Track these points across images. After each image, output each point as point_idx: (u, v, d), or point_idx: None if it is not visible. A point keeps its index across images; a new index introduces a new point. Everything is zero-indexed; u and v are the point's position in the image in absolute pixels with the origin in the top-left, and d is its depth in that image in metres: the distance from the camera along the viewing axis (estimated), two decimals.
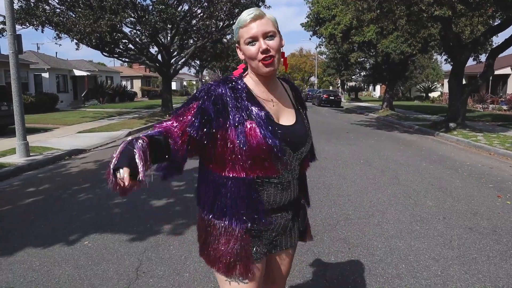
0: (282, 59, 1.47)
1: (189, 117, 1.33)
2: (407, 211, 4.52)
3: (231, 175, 1.37)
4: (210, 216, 1.44)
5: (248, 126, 1.33)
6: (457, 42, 12.86)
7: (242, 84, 1.42)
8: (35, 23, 14.47)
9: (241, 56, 1.44)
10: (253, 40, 1.37)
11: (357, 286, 2.84)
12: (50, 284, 2.88)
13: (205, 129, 1.32)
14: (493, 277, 2.98)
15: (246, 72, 1.50)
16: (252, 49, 1.37)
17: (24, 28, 14.72)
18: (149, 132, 1.32)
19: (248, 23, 1.37)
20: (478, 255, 3.36)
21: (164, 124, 1.36)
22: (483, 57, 16.58)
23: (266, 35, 1.37)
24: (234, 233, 1.40)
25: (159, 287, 2.82)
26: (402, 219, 4.27)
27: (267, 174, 1.38)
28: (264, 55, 1.36)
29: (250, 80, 1.46)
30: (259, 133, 1.32)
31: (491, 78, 20.74)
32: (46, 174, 6.75)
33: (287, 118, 1.46)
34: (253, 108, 1.37)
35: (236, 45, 1.46)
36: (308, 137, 1.50)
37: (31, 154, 7.96)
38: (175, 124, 1.34)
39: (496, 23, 13.55)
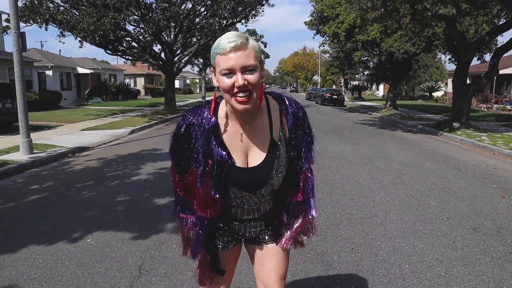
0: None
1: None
2: (411, 211, 4.51)
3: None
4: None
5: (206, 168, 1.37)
6: (461, 41, 12.78)
7: (209, 124, 1.37)
8: (39, 20, 14.51)
9: (215, 83, 1.33)
10: (230, 72, 1.25)
11: (360, 286, 2.83)
12: (53, 282, 2.89)
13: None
14: (497, 278, 2.96)
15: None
16: (227, 82, 1.25)
17: (28, 25, 14.76)
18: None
19: (227, 52, 1.23)
20: (482, 256, 3.34)
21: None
22: (487, 57, 16.49)
23: (246, 69, 1.24)
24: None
25: (161, 286, 2.83)
26: (405, 219, 4.25)
27: (206, 215, 1.45)
28: (239, 90, 1.25)
29: (223, 110, 1.40)
30: (209, 181, 1.37)
31: (495, 77, 20.62)
32: (50, 171, 6.77)
33: (254, 156, 1.40)
34: (213, 152, 1.36)
35: (211, 69, 1.34)
36: (270, 179, 1.41)
37: (34, 151, 7.99)
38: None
39: (501, 22, 13.46)
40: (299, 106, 1.48)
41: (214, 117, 1.38)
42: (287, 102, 1.45)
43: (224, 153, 1.35)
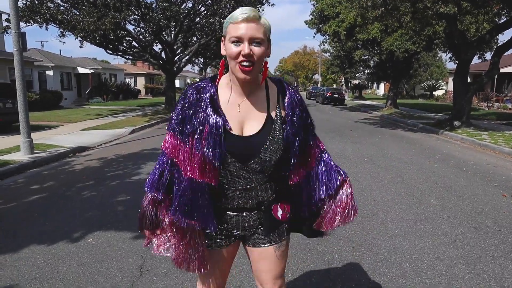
0: (263, 69, 1.44)
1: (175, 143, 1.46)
2: (411, 210, 4.50)
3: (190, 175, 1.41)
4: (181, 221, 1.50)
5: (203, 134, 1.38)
6: (462, 40, 12.76)
7: (207, 93, 1.42)
8: (39, 20, 14.51)
9: (223, 51, 1.42)
10: (238, 40, 1.33)
11: (361, 285, 2.83)
12: (54, 281, 2.89)
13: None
14: (498, 277, 2.96)
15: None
16: (234, 49, 1.34)
17: (29, 25, 14.77)
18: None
19: (239, 21, 1.33)
20: (483, 255, 3.33)
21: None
22: (488, 55, 16.48)
23: (253, 40, 1.33)
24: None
25: (162, 285, 2.83)
26: (406, 218, 4.25)
27: (209, 180, 1.40)
28: (243, 59, 1.32)
29: (225, 80, 1.47)
30: (204, 146, 1.37)
31: (496, 76, 20.60)
32: (50, 171, 6.77)
33: (250, 127, 1.43)
34: (210, 118, 1.38)
35: (222, 38, 1.43)
36: (266, 149, 1.41)
37: (35, 151, 7.99)
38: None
39: (502, 21, 13.43)
40: (296, 91, 1.55)
41: (213, 87, 1.45)
42: (285, 85, 1.53)
43: (219, 119, 1.38)
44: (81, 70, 28.25)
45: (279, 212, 1.55)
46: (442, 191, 5.34)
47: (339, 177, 1.60)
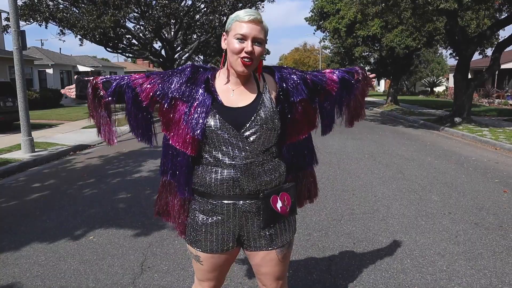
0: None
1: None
2: (412, 206, 4.50)
3: (174, 144, 1.54)
4: (161, 176, 1.69)
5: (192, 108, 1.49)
6: (462, 36, 12.72)
7: (204, 76, 1.54)
8: (38, 19, 14.48)
9: (223, 45, 1.52)
10: (243, 38, 1.43)
11: (362, 281, 2.83)
12: (55, 279, 2.89)
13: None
14: (499, 272, 2.96)
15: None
16: (237, 45, 1.43)
17: (28, 24, 14.74)
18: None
19: (245, 21, 1.43)
20: (484, 251, 3.33)
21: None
22: (489, 51, 16.40)
23: (256, 40, 1.44)
24: (175, 192, 1.62)
25: (164, 282, 2.83)
26: (407, 214, 4.25)
27: (185, 149, 1.51)
28: (245, 56, 1.43)
29: (221, 73, 1.57)
30: (191, 117, 1.47)
31: (497, 72, 20.54)
32: (51, 169, 6.78)
33: (241, 103, 1.51)
34: (200, 93, 1.50)
35: (224, 33, 1.52)
36: (257, 118, 1.47)
37: (36, 149, 8.00)
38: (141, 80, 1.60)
39: (503, 17, 13.37)
40: (287, 68, 1.69)
41: (210, 73, 1.56)
42: (274, 68, 1.65)
43: (209, 96, 1.48)
44: (81, 68, 28.26)
45: (279, 204, 1.50)
46: (443, 187, 5.33)
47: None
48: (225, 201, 1.49)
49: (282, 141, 1.59)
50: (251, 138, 1.46)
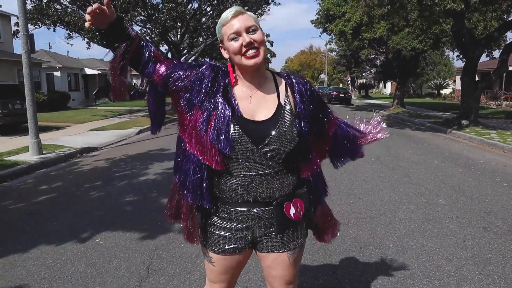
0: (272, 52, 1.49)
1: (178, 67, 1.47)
2: (419, 210, 4.47)
3: (190, 150, 1.46)
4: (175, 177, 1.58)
5: (212, 116, 1.40)
6: (470, 37, 12.64)
7: (223, 82, 1.45)
8: (47, 22, 14.65)
9: (225, 55, 1.48)
10: (237, 35, 1.40)
11: (369, 286, 2.81)
12: (62, 281, 2.91)
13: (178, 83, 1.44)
14: (508, 278, 2.92)
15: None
16: (235, 45, 1.40)
17: (37, 28, 14.91)
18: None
19: (230, 19, 1.41)
20: (493, 255, 3.30)
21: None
22: (496, 53, 16.26)
23: (249, 30, 1.40)
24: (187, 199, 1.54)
25: (170, 286, 2.83)
26: (414, 218, 4.22)
27: (210, 162, 1.42)
28: (247, 48, 1.38)
29: (235, 78, 1.51)
30: (210, 130, 1.39)
31: (504, 74, 20.36)
32: (59, 172, 6.83)
33: (262, 114, 1.45)
34: (219, 102, 1.41)
35: (220, 45, 1.50)
36: (278, 133, 1.41)
37: (43, 152, 8.06)
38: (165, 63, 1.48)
39: (510, 18, 13.28)
40: (305, 81, 1.57)
41: (228, 78, 1.47)
42: (293, 80, 1.55)
43: (229, 107, 1.41)
44: (88, 71, 28.45)
45: (292, 211, 1.50)
46: (450, 190, 5.29)
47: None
48: (239, 208, 1.50)
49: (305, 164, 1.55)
50: (269, 154, 1.43)
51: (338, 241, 3.57)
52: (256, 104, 1.46)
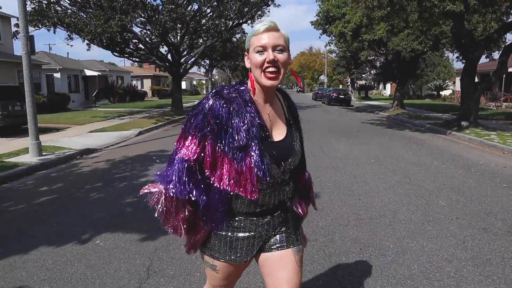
0: (294, 77, 1.53)
1: (191, 146, 1.44)
2: (419, 211, 4.47)
3: (222, 187, 1.44)
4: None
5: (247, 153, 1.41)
6: (469, 39, 12.66)
7: (247, 96, 1.47)
8: (47, 24, 14.66)
9: (247, 64, 1.49)
10: (263, 49, 1.40)
11: (369, 287, 2.81)
12: (62, 283, 2.91)
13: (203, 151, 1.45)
14: (508, 279, 2.92)
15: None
16: (259, 58, 1.41)
17: (37, 29, 14.92)
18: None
19: (261, 32, 1.41)
20: (493, 257, 3.30)
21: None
22: (496, 55, 16.31)
23: (276, 48, 1.41)
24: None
25: (170, 287, 2.84)
26: (414, 219, 4.22)
27: (250, 195, 1.44)
28: (269, 65, 1.39)
29: (254, 93, 1.53)
30: (253, 162, 1.40)
31: (504, 75, 20.39)
32: (59, 173, 6.83)
33: (278, 132, 1.52)
34: (252, 125, 1.41)
35: (245, 52, 1.50)
36: (294, 151, 1.52)
37: (43, 153, 8.07)
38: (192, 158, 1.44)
39: (510, 19, 13.30)
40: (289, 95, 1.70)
41: (248, 93, 1.49)
42: (285, 92, 1.67)
43: (259, 130, 1.43)
44: (88, 72, 28.45)
45: (299, 209, 1.59)
46: (450, 192, 5.29)
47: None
48: (249, 218, 1.53)
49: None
50: (287, 172, 1.52)
51: (338, 243, 3.58)
52: (273, 119, 1.51)
